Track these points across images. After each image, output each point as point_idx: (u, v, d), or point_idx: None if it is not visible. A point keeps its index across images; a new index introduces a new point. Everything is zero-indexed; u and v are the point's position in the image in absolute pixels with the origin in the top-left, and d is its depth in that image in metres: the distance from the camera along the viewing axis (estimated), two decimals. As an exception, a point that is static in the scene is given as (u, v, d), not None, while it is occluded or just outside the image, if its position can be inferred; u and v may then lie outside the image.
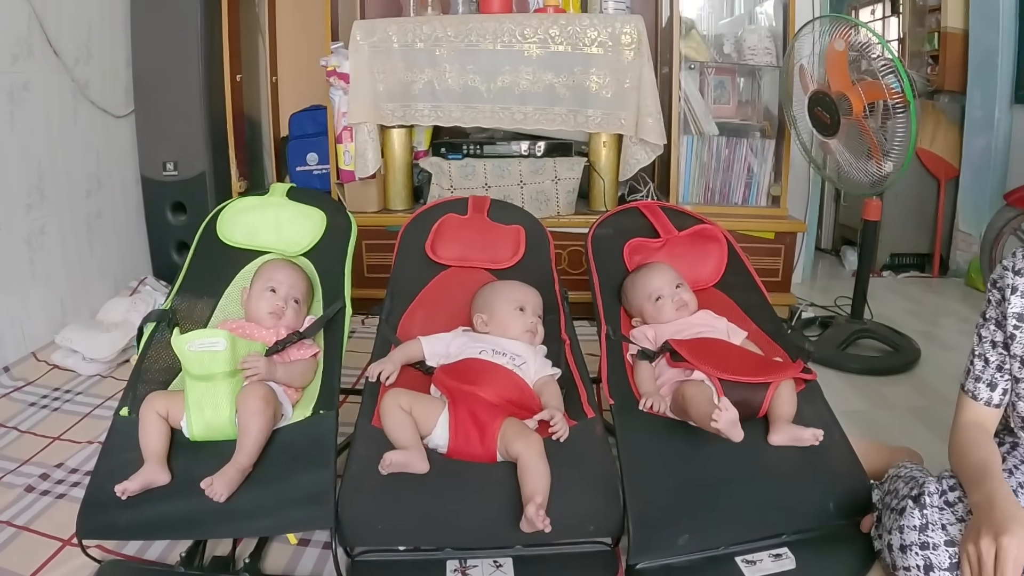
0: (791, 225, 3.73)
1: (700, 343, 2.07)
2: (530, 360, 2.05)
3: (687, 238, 2.52)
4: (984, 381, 1.67)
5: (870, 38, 2.95)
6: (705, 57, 3.77)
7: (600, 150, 3.61)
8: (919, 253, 5.20)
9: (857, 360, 3.27)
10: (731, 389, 1.91)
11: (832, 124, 3.10)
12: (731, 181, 3.83)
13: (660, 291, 2.27)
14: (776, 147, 3.82)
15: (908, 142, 2.88)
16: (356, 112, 3.50)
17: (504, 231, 2.55)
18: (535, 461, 1.70)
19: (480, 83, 3.44)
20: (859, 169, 3.12)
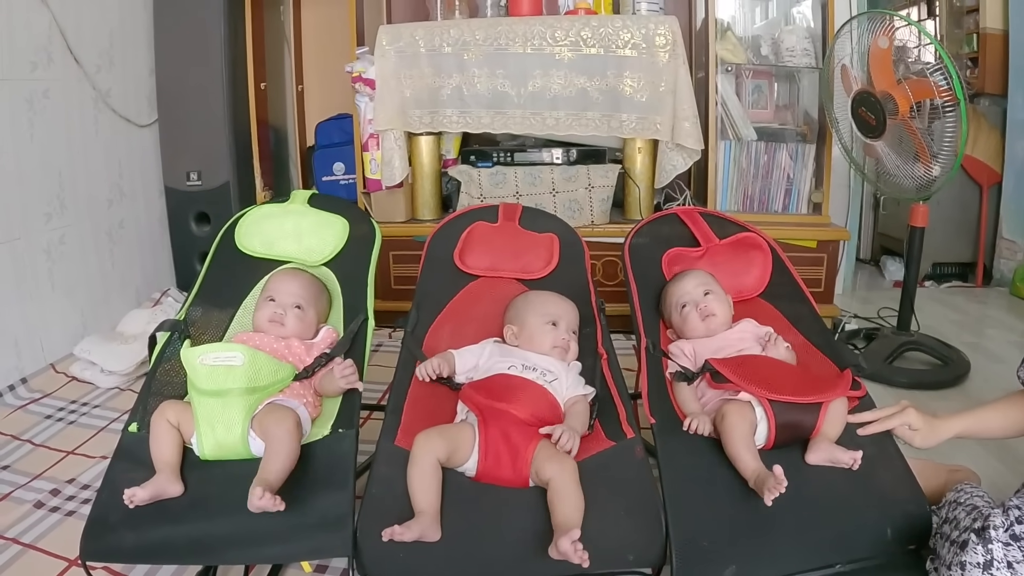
0: (834, 233, 3.60)
1: (743, 361, 1.94)
2: (562, 376, 1.94)
3: (729, 246, 2.40)
4: None
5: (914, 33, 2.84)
6: (742, 59, 3.66)
7: (635, 156, 3.50)
8: (962, 262, 5.09)
9: (905, 374, 3.15)
10: (784, 411, 1.79)
11: (878, 125, 2.99)
12: (770, 188, 3.72)
13: (684, 298, 2.14)
14: (816, 152, 3.71)
15: (958, 143, 2.77)
16: (382, 119, 3.43)
17: (537, 239, 2.44)
18: (568, 487, 1.60)
19: (510, 88, 3.35)
20: (905, 172, 3.01)
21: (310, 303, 2.08)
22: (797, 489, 1.69)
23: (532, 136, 3.58)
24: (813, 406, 1.81)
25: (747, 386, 1.82)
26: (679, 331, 2.17)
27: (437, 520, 1.56)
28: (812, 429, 1.81)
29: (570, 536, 1.44)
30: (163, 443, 1.68)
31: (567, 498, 1.58)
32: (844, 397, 1.88)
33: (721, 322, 2.13)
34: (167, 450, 1.68)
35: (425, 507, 1.56)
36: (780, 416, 1.78)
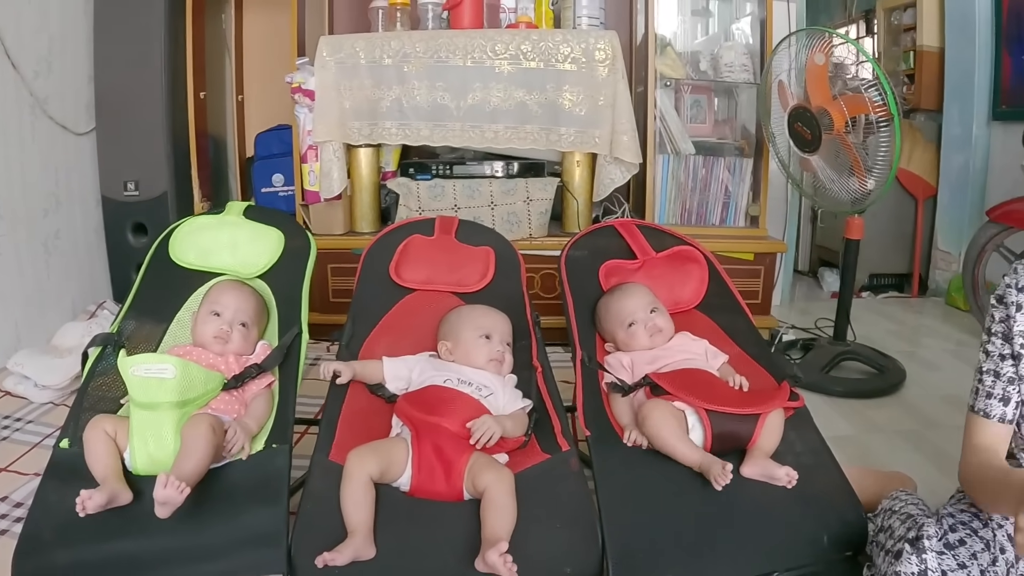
0: (771, 246, 3.64)
1: (682, 375, 1.96)
2: (498, 391, 1.93)
3: (666, 259, 2.42)
4: (996, 396, 1.57)
5: (851, 51, 2.89)
6: (681, 74, 3.69)
7: (573, 170, 3.51)
8: (898, 273, 5.25)
9: (842, 383, 3.21)
10: (721, 421, 1.82)
11: (813, 140, 3.04)
12: (708, 201, 3.76)
13: (633, 316, 2.15)
14: (754, 166, 3.76)
15: (892, 157, 2.83)
16: (321, 130, 3.40)
17: (473, 253, 2.44)
18: (501, 498, 1.59)
19: (449, 100, 3.35)
20: (840, 186, 3.06)
21: (255, 320, 2.07)
22: (734, 498, 1.71)
23: (472, 149, 3.58)
24: (750, 417, 1.84)
25: (685, 396, 1.84)
26: (623, 346, 2.17)
27: (370, 538, 1.54)
28: (749, 440, 1.83)
29: (497, 548, 1.43)
30: (102, 453, 1.64)
31: (499, 509, 1.57)
32: (781, 409, 1.91)
33: (667, 336, 2.16)
34: (109, 459, 1.64)
35: (358, 525, 1.55)
36: (717, 426, 1.80)
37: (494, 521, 1.55)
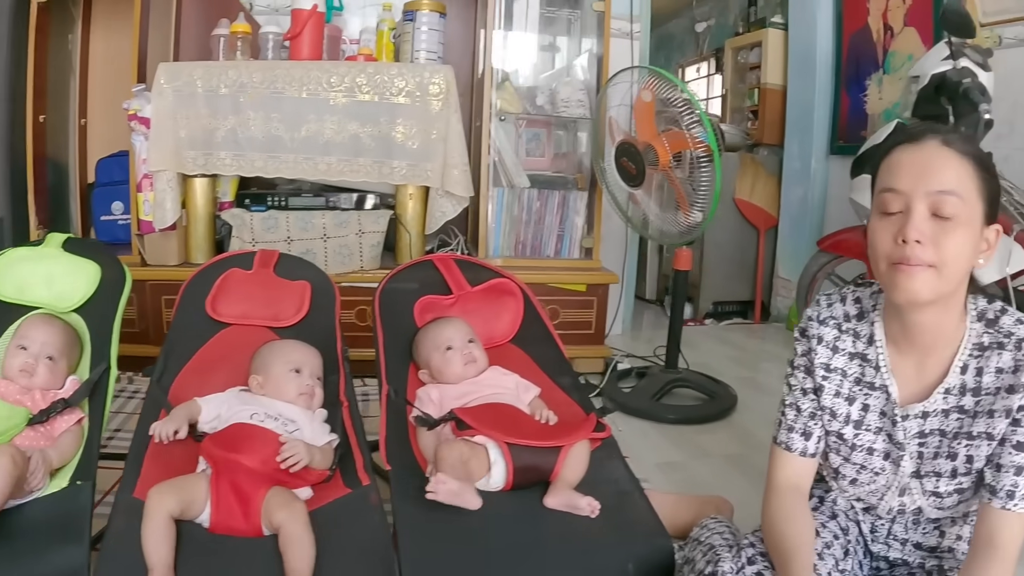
0: (603, 277, 3.71)
1: (486, 409, 1.98)
2: (304, 425, 1.93)
3: (481, 293, 2.45)
4: (798, 431, 1.61)
5: (676, 89, 2.98)
6: (518, 109, 3.75)
7: (407, 202, 3.50)
8: (742, 300, 5.42)
9: (673, 410, 3.28)
10: (521, 454, 1.84)
11: (638, 175, 3.12)
12: (543, 234, 3.81)
13: (451, 341, 2.17)
14: (589, 199, 3.82)
15: (713, 191, 2.91)
16: (156, 159, 3.34)
17: (289, 287, 2.42)
18: (296, 533, 1.59)
19: (284, 132, 3.32)
20: (663, 220, 3.14)
21: (62, 353, 2.00)
22: (537, 529, 1.74)
23: (307, 181, 3.56)
24: (552, 450, 1.87)
25: (486, 431, 1.86)
26: (438, 373, 2.18)
27: (170, 575, 1.52)
28: (551, 472, 1.86)
29: None
30: None
31: (295, 544, 1.57)
32: (586, 440, 1.95)
33: (479, 369, 2.18)
34: None
35: (157, 563, 1.52)
36: (518, 459, 1.83)
37: (292, 557, 1.55)
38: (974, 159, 1.36)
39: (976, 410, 1.46)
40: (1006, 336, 1.43)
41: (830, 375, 1.58)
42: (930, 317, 1.43)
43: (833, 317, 1.59)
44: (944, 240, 1.31)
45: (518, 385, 2.15)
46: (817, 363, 1.58)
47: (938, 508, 1.55)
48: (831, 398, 1.58)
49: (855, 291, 1.60)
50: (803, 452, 1.61)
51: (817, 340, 1.59)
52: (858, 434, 1.57)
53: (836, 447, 1.61)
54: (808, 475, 1.64)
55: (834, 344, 1.58)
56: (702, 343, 4.59)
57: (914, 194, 1.33)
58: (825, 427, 1.60)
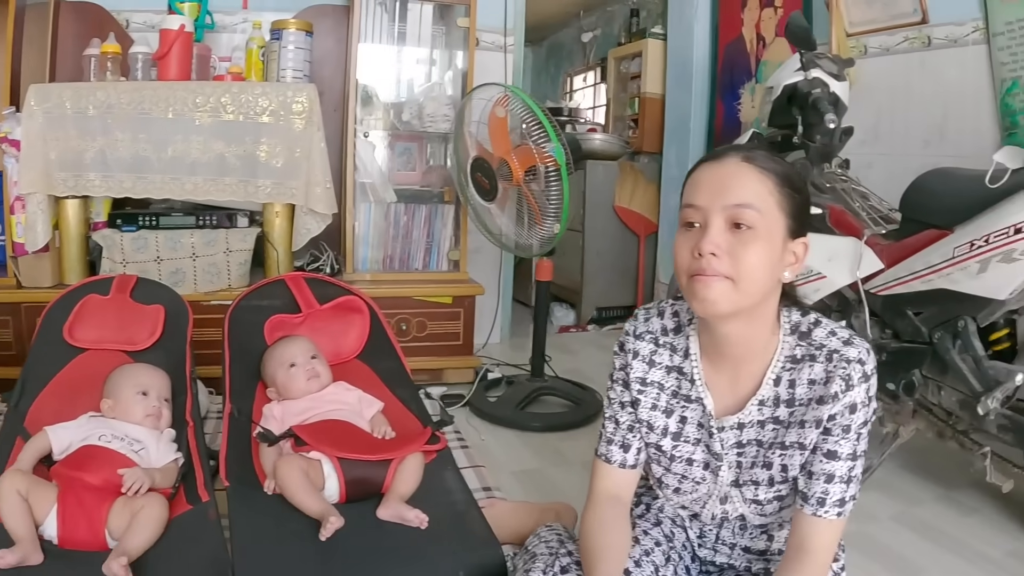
0: (469, 288, 3.78)
1: (323, 426, 2.06)
2: (151, 445, 1.99)
3: (329, 311, 2.53)
4: (616, 443, 1.62)
5: (526, 106, 3.06)
6: (385, 125, 3.83)
7: (274, 220, 3.53)
8: (624, 306, 5.50)
9: (537, 418, 3.34)
10: (353, 468, 1.93)
11: (491, 189, 3.19)
12: (411, 247, 3.89)
13: (294, 358, 2.25)
14: (456, 212, 3.90)
15: (562, 204, 3.01)
16: (26, 181, 3.32)
17: (144, 311, 2.48)
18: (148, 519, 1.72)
19: (151, 152, 3.32)
20: (518, 233, 3.24)
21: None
22: (371, 541, 1.81)
23: (179, 200, 3.57)
24: (383, 463, 1.95)
25: (320, 447, 1.94)
26: (283, 389, 2.25)
27: (36, 544, 1.64)
28: (382, 485, 1.93)
29: (119, 561, 1.55)
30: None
31: (139, 531, 1.69)
32: (419, 453, 2.02)
33: (322, 384, 2.26)
34: None
35: (22, 533, 1.64)
36: (349, 473, 1.91)
37: (129, 536, 1.66)
38: (775, 175, 1.38)
39: (790, 420, 1.48)
40: (818, 348, 1.46)
41: (646, 388, 1.60)
42: (737, 330, 1.45)
43: (650, 332, 1.61)
44: (741, 252, 1.33)
45: (360, 400, 2.23)
46: (633, 377, 1.60)
47: (760, 515, 1.59)
48: (648, 411, 1.60)
49: (674, 305, 1.61)
50: (622, 464, 1.63)
51: (633, 355, 1.60)
52: (676, 446, 1.59)
53: (657, 458, 1.63)
54: (628, 485, 1.66)
55: (650, 358, 1.60)
56: (581, 349, 4.68)
57: (711, 208, 1.35)
58: (644, 439, 1.63)
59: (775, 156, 1.43)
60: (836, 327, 1.49)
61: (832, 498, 1.42)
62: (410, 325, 3.66)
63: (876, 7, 3.82)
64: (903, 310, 2.60)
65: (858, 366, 1.42)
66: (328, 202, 3.40)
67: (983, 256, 2.27)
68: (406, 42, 3.91)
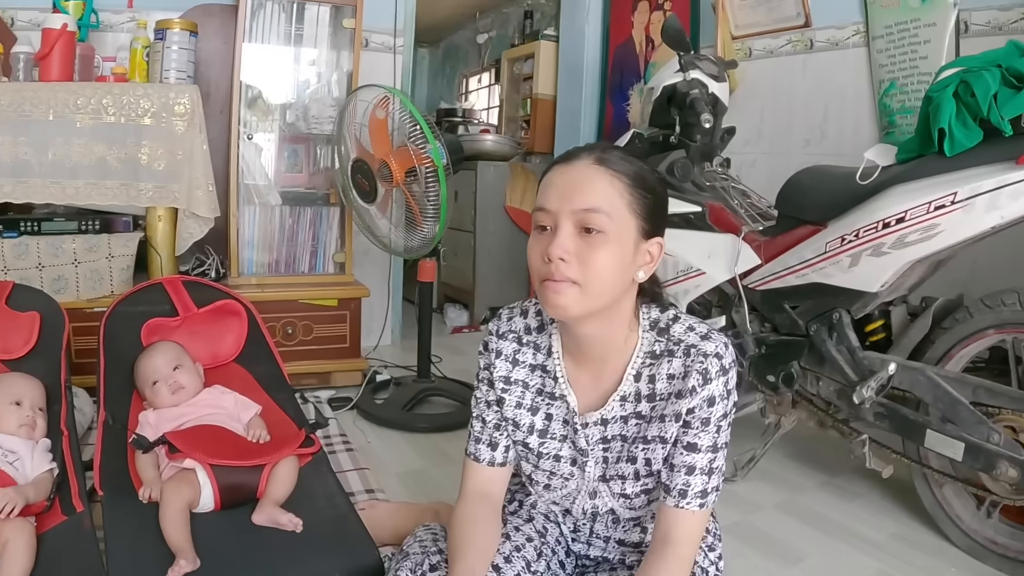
0: (355, 291, 3.78)
1: (196, 432, 2.06)
2: (25, 456, 1.97)
3: (207, 314, 2.52)
4: (484, 442, 1.66)
5: (405, 108, 3.06)
6: (271, 126, 3.82)
7: (156, 224, 3.46)
8: None
9: (424, 419, 3.36)
10: (226, 474, 1.93)
11: (371, 191, 3.19)
12: (296, 250, 3.88)
13: (156, 374, 2.24)
14: (341, 214, 3.91)
15: (440, 205, 3.04)
16: (-94, 189, 3.23)
17: (20, 319, 2.43)
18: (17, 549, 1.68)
19: (32, 156, 3.23)
20: (399, 234, 3.28)
21: None
22: (247, 546, 1.82)
23: (62, 205, 3.49)
24: (257, 468, 1.95)
25: (192, 453, 1.93)
26: (150, 403, 2.25)
27: None
28: (257, 490, 1.94)
29: None
30: None
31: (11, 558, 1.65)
32: (293, 457, 2.03)
33: (190, 392, 2.25)
34: None
35: None
36: (223, 479, 1.92)
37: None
38: (627, 176, 1.39)
39: (651, 415, 1.52)
40: (676, 343, 1.49)
41: (510, 387, 1.63)
42: (594, 330, 1.48)
43: (513, 331, 1.64)
44: (589, 257, 1.35)
45: (237, 403, 2.23)
46: (496, 376, 1.63)
47: (629, 508, 1.62)
48: (513, 409, 1.64)
49: (537, 304, 1.63)
50: (491, 462, 1.66)
51: (496, 354, 1.64)
52: (543, 443, 1.63)
53: (525, 455, 1.67)
54: (498, 482, 1.69)
55: (514, 357, 1.63)
56: (473, 349, 4.66)
57: (561, 212, 1.37)
58: (511, 437, 1.66)
59: (629, 156, 1.46)
60: (694, 322, 1.53)
61: (694, 489, 1.46)
62: (296, 329, 3.65)
63: (761, 11, 3.97)
64: (780, 304, 2.69)
65: (715, 360, 1.45)
66: (210, 205, 3.36)
67: (854, 250, 2.38)
68: (292, 43, 3.89)
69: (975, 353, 2.37)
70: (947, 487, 2.43)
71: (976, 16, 3.09)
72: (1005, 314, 2.22)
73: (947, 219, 2.16)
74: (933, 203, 2.18)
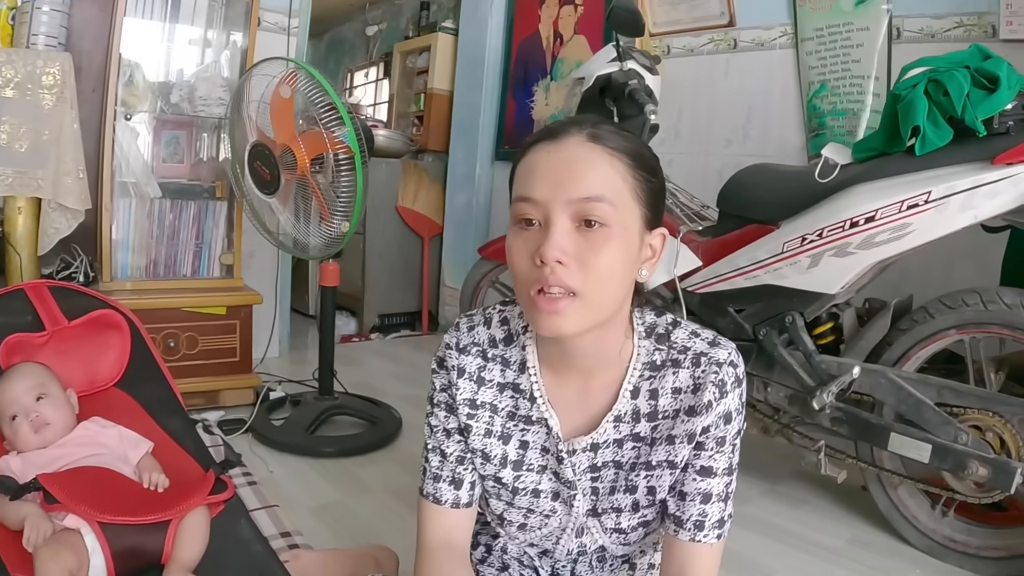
0: (245, 297, 3.40)
1: (78, 476, 1.62)
2: None
3: (81, 328, 2.04)
4: (445, 479, 1.38)
5: (317, 84, 2.75)
6: (150, 106, 3.38)
7: (16, 218, 2.98)
8: (409, 312, 5.40)
9: (331, 442, 3.02)
10: (121, 535, 1.51)
11: (272, 181, 2.86)
12: (178, 250, 3.46)
13: (13, 407, 1.75)
14: (229, 210, 3.52)
15: (354, 198, 2.76)
16: None
17: None
18: None
19: None
20: (303, 231, 2.94)
21: None
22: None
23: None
24: (159, 525, 1.56)
25: (74, 507, 1.51)
26: (12, 445, 1.76)
27: None
28: (161, 554, 1.56)
29: None
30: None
31: None
32: (203, 507, 1.66)
33: (59, 429, 1.77)
34: None
35: None
36: (116, 542, 1.50)
37: None
38: (628, 156, 1.16)
39: (654, 437, 1.29)
40: (680, 352, 1.28)
41: (477, 412, 1.34)
42: (588, 340, 1.22)
43: (476, 343, 1.35)
44: (592, 257, 1.11)
45: (123, 439, 1.79)
46: (460, 399, 1.34)
47: (623, 544, 1.41)
48: (481, 438, 1.35)
49: (502, 311, 1.37)
50: (455, 503, 1.38)
51: (458, 372, 1.34)
52: (519, 476, 1.36)
53: (496, 492, 1.39)
54: (464, 528, 1.42)
55: (479, 375, 1.34)
56: (367, 360, 4.43)
57: (553, 203, 1.12)
58: (479, 471, 1.38)
59: (623, 131, 1.21)
60: (696, 327, 1.32)
61: (711, 519, 1.28)
62: (179, 341, 3.23)
63: (681, 8, 3.94)
64: (724, 307, 2.63)
65: (730, 369, 1.26)
66: (80, 195, 2.94)
67: (815, 250, 2.34)
68: (180, 17, 3.48)
69: (931, 354, 2.38)
70: (901, 488, 2.44)
71: (909, 23, 3.11)
72: (968, 314, 2.22)
73: (919, 218, 2.14)
74: (906, 202, 2.15)
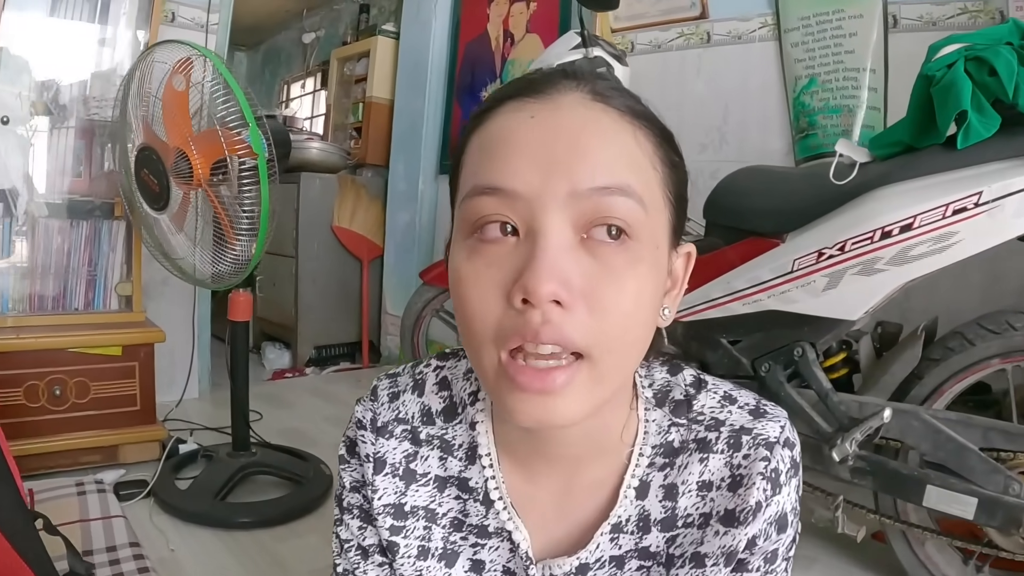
0: (145, 334, 2.91)
1: None
2: None
3: None
4: None
5: (217, 75, 2.28)
6: (39, 109, 2.93)
7: None
8: (348, 342, 5.02)
9: (246, 510, 2.52)
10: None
11: (162, 193, 2.40)
12: (68, 280, 3.00)
13: None
14: (128, 231, 3.06)
15: (259, 215, 2.31)
16: None
17: None
18: None
19: None
20: (201, 256, 2.50)
21: None
22: None
23: None
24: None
25: None
26: None
27: None
28: None
29: None
30: None
31: None
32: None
33: None
34: None
35: None
36: None
37: None
38: (653, 125, 0.76)
39: (671, 553, 0.85)
40: (710, 428, 0.84)
41: (406, 523, 0.90)
42: (582, 423, 0.75)
43: (402, 419, 0.90)
44: (614, 293, 0.68)
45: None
46: (380, 504, 0.90)
47: None
48: (413, 561, 0.90)
49: (439, 368, 0.92)
50: None
51: (376, 466, 0.90)
52: None
53: None
54: None
55: (407, 467, 0.90)
56: (298, 400, 3.96)
57: (546, 197, 0.68)
58: None
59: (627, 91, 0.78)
60: (731, 388, 0.88)
61: None
62: (67, 388, 2.73)
63: (647, 1, 3.65)
64: (715, 338, 2.27)
65: (785, 452, 0.83)
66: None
67: (835, 268, 1.99)
68: (76, 10, 3.06)
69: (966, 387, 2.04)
70: (929, 544, 2.11)
71: (907, 10, 2.84)
72: (1017, 340, 1.87)
73: (967, 225, 1.78)
74: (951, 205, 1.79)
